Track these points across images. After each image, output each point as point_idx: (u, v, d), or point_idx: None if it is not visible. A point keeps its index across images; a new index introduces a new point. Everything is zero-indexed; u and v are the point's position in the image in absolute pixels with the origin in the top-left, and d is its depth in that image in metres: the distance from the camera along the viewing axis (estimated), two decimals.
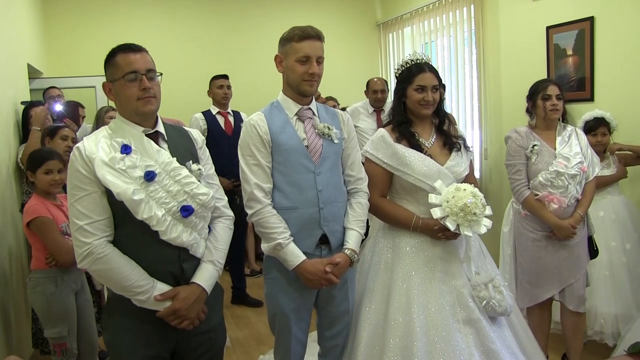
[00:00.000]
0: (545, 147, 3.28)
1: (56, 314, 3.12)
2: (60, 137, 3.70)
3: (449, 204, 2.53)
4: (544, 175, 3.23)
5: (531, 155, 3.28)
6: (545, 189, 3.23)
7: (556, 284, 3.30)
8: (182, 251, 2.09)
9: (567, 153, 3.24)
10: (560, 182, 3.20)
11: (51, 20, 6.44)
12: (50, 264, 3.12)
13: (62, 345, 3.15)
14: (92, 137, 2.10)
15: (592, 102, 4.59)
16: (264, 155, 2.45)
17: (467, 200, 2.51)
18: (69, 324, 3.16)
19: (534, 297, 3.37)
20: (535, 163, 3.27)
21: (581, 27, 4.64)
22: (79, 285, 3.28)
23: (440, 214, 2.55)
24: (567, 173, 3.19)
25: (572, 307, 3.29)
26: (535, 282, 3.35)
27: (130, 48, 2.07)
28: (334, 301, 2.59)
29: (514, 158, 3.34)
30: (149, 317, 2.04)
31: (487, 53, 5.80)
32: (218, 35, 7.13)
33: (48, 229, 3.06)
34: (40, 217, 3.06)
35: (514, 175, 3.34)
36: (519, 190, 3.32)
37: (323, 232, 2.49)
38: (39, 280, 3.13)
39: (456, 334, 2.47)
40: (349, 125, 2.68)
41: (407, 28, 7.20)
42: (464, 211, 2.51)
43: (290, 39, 2.45)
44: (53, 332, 3.12)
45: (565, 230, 3.21)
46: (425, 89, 2.69)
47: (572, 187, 3.22)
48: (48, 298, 3.11)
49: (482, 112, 5.91)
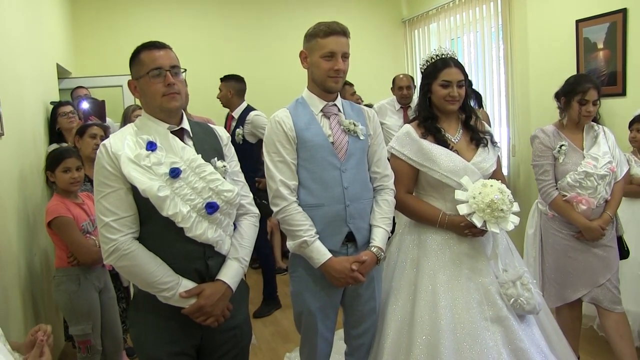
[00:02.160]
0: (572, 148, 3.21)
1: (79, 311, 3.15)
2: (89, 135, 3.74)
3: (476, 200, 2.49)
4: (573, 176, 3.15)
5: (559, 156, 3.20)
6: (574, 190, 3.16)
7: (586, 283, 3.21)
8: (207, 248, 2.09)
9: (596, 153, 3.17)
10: (589, 182, 3.13)
11: (79, 20, 6.52)
12: (72, 262, 3.15)
13: (86, 342, 3.19)
14: (118, 134, 2.11)
15: (624, 96, 4.50)
16: (289, 152, 2.44)
17: (494, 196, 2.48)
18: (92, 321, 3.19)
19: (562, 297, 3.30)
20: (563, 164, 3.20)
21: (613, 20, 4.54)
22: (102, 283, 3.31)
23: (467, 210, 2.52)
24: (596, 174, 3.12)
25: (606, 306, 3.20)
26: (563, 282, 3.28)
27: (154, 45, 2.08)
28: (361, 299, 2.57)
29: (541, 159, 3.26)
30: (174, 314, 2.05)
31: (514, 48, 5.72)
32: (243, 32, 7.15)
33: (68, 229, 3.08)
34: (60, 216, 3.08)
35: (541, 176, 3.27)
36: (546, 192, 3.25)
37: (349, 229, 2.47)
38: (62, 279, 3.17)
39: (484, 332, 2.45)
40: (375, 122, 2.66)
41: (433, 24, 7.14)
42: (490, 207, 2.47)
43: (316, 35, 2.43)
44: (77, 330, 3.16)
45: (594, 232, 3.14)
46: (450, 84, 2.65)
47: (602, 188, 3.14)
48: (71, 296, 3.14)
49: (510, 109, 5.83)
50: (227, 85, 5.04)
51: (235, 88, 5.02)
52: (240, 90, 5.06)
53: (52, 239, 3.22)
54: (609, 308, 3.19)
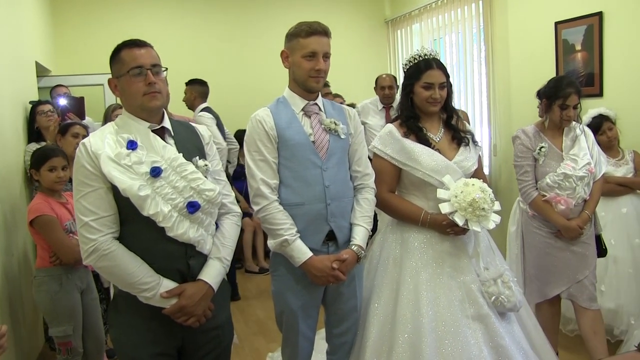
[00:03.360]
0: (552, 149, 3.26)
1: (61, 312, 3.12)
2: (72, 134, 3.71)
3: (458, 199, 2.51)
4: (552, 177, 3.20)
5: (539, 157, 3.26)
6: (553, 191, 3.21)
7: (564, 280, 3.26)
8: (189, 248, 2.08)
9: (575, 154, 3.22)
10: (568, 184, 3.18)
11: (59, 17, 6.45)
12: (55, 262, 3.12)
13: (67, 344, 3.15)
14: (98, 133, 2.09)
15: (601, 97, 4.57)
16: (270, 151, 2.43)
17: (475, 195, 2.49)
18: (74, 323, 3.16)
19: (543, 294, 3.35)
20: (543, 165, 3.25)
21: (590, 23, 4.61)
22: (85, 284, 3.28)
23: (449, 209, 2.53)
24: (575, 175, 3.16)
25: (582, 303, 3.25)
26: (544, 279, 3.33)
27: (135, 43, 2.07)
28: (342, 298, 2.57)
29: (522, 159, 3.31)
30: (155, 314, 2.03)
31: (495, 49, 5.78)
32: (226, 31, 7.13)
33: (51, 228, 3.06)
34: (43, 215, 3.06)
35: (522, 176, 3.32)
36: (526, 192, 3.30)
37: (330, 228, 2.47)
38: (43, 279, 3.14)
39: (465, 329, 2.46)
40: (356, 121, 2.66)
41: (416, 25, 7.18)
42: (472, 206, 2.49)
43: (297, 35, 2.43)
44: (58, 331, 3.13)
45: (572, 231, 3.19)
46: (432, 86, 2.67)
47: (580, 189, 3.19)
48: (52, 297, 3.11)
49: (491, 109, 5.88)
50: (191, 88, 5.30)
51: (198, 91, 5.27)
52: (202, 93, 5.30)
53: (34, 238, 3.20)
54: (586, 305, 3.24)
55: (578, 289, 3.25)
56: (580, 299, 3.25)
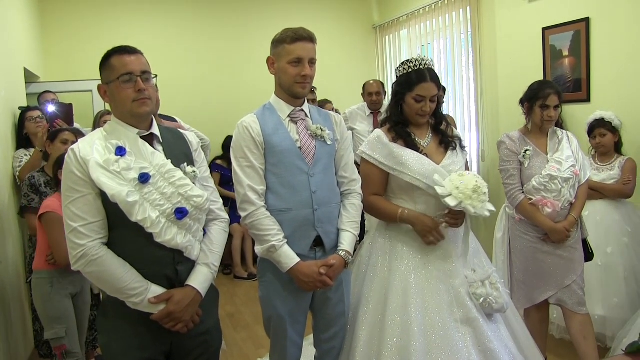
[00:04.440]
0: (537, 152, 3.30)
1: (52, 315, 3.14)
2: (61, 140, 3.71)
3: (460, 189, 2.52)
4: (538, 180, 3.23)
5: (524, 160, 3.29)
6: (539, 193, 3.24)
7: (552, 285, 3.28)
8: (177, 254, 2.09)
9: (559, 157, 3.25)
10: (553, 185, 3.21)
11: (48, 23, 6.43)
12: (50, 261, 3.14)
13: (61, 348, 3.16)
14: (87, 139, 2.10)
15: (588, 103, 4.60)
16: (257, 157, 2.44)
17: (475, 181, 2.53)
18: (66, 325, 3.17)
19: (531, 299, 3.36)
20: (529, 168, 3.28)
21: (577, 28, 4.64)
22: (79, 288, 3.29)
23: (455, 202, 2.52)
24: (560, 177, 3.20)
25: (571, 308, 3.26)
26: (531, 284, 3.35)
27: (125, 50, 2.08)
28: (330, 303, 2.58)
29: (507, 163, 3.34)
30: (143, 320, 2.04)
31: (483, 55, 5.81)
32: (214, 38, 7.12)
33: (55, 226, 3.08)
34: (52, 212, 3.10)
35: (508, 180, 3.35)
36: (512, 195, 3.32)
37: (317, 233, 2.48)
38: (37, 281, 3.17)
39: (454, 333, 2.48)
40: (342, 127, 2.68)
41: (404, 30, 7.21)
42: (476, 192, 2.52)
43: (283, 41, 2.44)
44: (51, 334, 3.14)
45: (559, 234, 3.22)
46: (424, 99, 2.67)
47: (566, 191, 3.22)
48: (44, 298, 3.14)
49: (480, 114, 5.91)
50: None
51: None
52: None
53: (38, 234, 3.23)
54: (575, 309, 3.26)
55: (566, 293, 3.27)
56: (568, 304, 3.27)
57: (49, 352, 3.67)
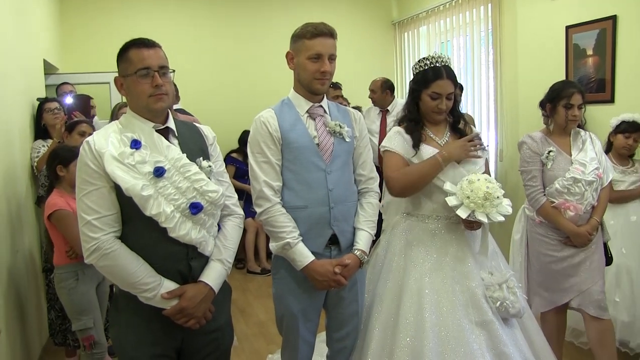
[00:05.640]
0: (560, 153, 3.22)
1: (79, 307, 3.18)
2: (78, 132, 3.73)
3: (471, 199, 2.47)
4: (561, 182, 3.16)
5: (547, 162, 3.21)
6: (562, 196, 3.16)
7: (572, 289, 3.21)
8: (191, 249, 2.07)
9: (583, 159, 3.18)
10: (577, 188, 3.13)
11: (67, 15, 6.45)
12: (72, 256, 3.16)
13: (89, 338, 3.20)
14: (102, 131, 2.08)
15: (612, 103, 4.50)
16: (274, 153, 2.42)
17: (485, 187, 2.47)
18: (93, 316, 3.20)
19: (550, 302, 3.29)
20: (551, 169, 3.20)
21: (602, 27, 4.54)
22: (101, 277, 3.32)
23: (466, 212, 2.49)
24: (584, 179, 3.12)
25: (591, 312, 3.19)
26: (551, 287, 3.28)
27: (143, 43, 2.05)
28: (343, 302, 2.55)
29: (529, 164, 3.27)
30: (155, 315, 2.02)
31: (504, 53, 5.73)
32: (232, 31, 7.10)
33: (67, 222, 3.09)
34: (60, 210, 3.11)
35: (529, 182, 3.27)
36: (534, 197, 3.25)
37: (333, 232, 2.45)
38: (61, 276, 3.20)
39: (469, 335, 2.44)
40: (361, 124, 2.64)
41: (423, 27, 7.14)
42: (488, 200, 2.46)
43: (302, 36, 2.41)
44: (79, 325, 3.18)
45: (582, 237, 3.15)
46: (440, 97, 2.63)
47: (589, 194, 3.15)
48: (70, 292, 3.17)
49: (498, 113, 5.84)
50: None
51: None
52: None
53: (50, 233, 3.24)
54: (596, 314, 3.18)
55: (587, 298, 3.19)
56: (589, 308, 3.20)
57: (63, 341, 3.69)
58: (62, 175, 3.23)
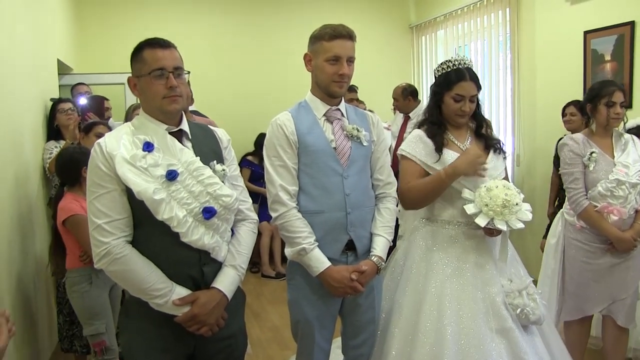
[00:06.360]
0: (603, 155, 3.11)
1: (92, 311, 3.14)
2: (95, 134, 3.70)
3: (489, 207, 2.42)
4: (604, 185, 3.05)
5: (589, 164, 3.10)
6: (605, 200, 3.05)
7: (607, 297, 3.13)
8: (203, 254, 2.02)
9: (626, 160, 3.08)
10: (620, 191, 3.03)
11: (82, 14, 6.45)
12: (85, 261, 3.12)
13: (101, 344, 3.15)
14: (114, 133, 2.04)
15: (630, 109, 4.42)
16: (290, 157, 2.37)
17: (503, 195, 2.42)
18: (105, 321, 3.16)
19: (582, 310, 3.22)
20: (594, 171, 3.09)
21: (621, 32, 4.50)
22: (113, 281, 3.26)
23: (484, 221, 2.44)
24: (628, 181, 3.02)
25: (621, 322, 3.13)
26: (584, 295, 3.19)
27: (158, 43, 2.00)
28: (360, 309, 2.50)
29: (571, 167, 3.15)
30: (167, 322, 1.97)
31: (522, 58, 5.67)
32: (248, 32, 7.09)
33: (83, 227, 3.04)
34: (76, 215, 3.07)
35: (571, 184, 3.16)
36: (576, 200, 3.13)
37: (349, 237, 2.40)
38: (74, 279, 3.16)
39: (489, 343, 2.39)
40: (379, 128, 2.59)
41: (441, 31, 7.08)
42: (507, 207, 2.42)
43: (321, 38, 2.36)
44: (90, 330, 3.14)
45: (626, 243, 3.04)
46: (463, 99, 2.58)
47: (632, 197, 3.05)
48: (83, 295, 3.14)
49: (516, 118, 5.77)
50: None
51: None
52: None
53: (64, 238, 3.20)
54: (623, 323, 3.12)
55: (620, 307, 3.13)
56: (618, 317, 3.13)
57: (69, 346, 3.64)
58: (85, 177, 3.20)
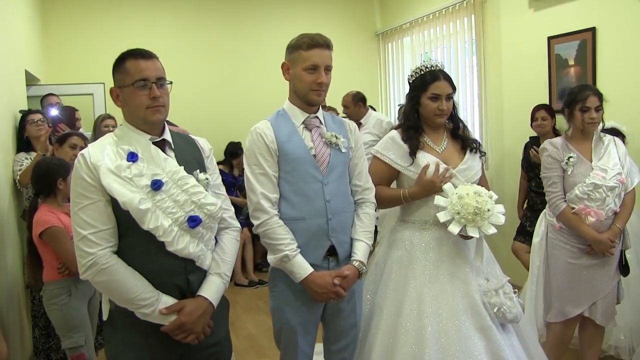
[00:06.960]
0: (581, 159, 3.18)
1: (70, 323, 3.11)
2: (69, 145, 3.68)
3: (461, 215, 2.48)
4: (581, 188, 3.12)
5: (567, 168, 3.17)
6: (582, 202, 3.12)
7: (588, 298, 3.20)
8: (189, 263, 2.03)
9: (605, 164, 3.14)
10: (597, 194, 3.09)
11: (49, 25, 6.37)
12: (64, 273, 3.09)
13: (80, 357, 3.12)
14: (97, 143, 2.04)
15: None
16: (271, 165, 2.39)
17: (474, 202, 2.47)
18: (85, 333, 3.13)
19: (564, 313, 3.27)
20: (572, 175, 3.17)
21: (583, 38, 4.63)
22: (92, 292, 3.25)
23: (457, 228, 2.50)
24: (605, 185, 3.08)
25: (599, 320, 3.21)
26: (566, 298, 3.24)
27: (140, 54, 2.02)
28: (342, 314, 2.53)
29: (549, 170, 3.23)
30: (153, 331, 1.98)
31: (487, 63, 5.79)
32: (219, 42, 7.08)
33: (60, 239, 3.05)
34: (53, 227, 3.05)
35: (550, 187, 3.24)
36: (554, 203, 3.22)
37: (331, 243, 2.43)
38: (52, 292, 3.12)
39: (468, 341, 2.45)
40: (356, 135, 2.63)
41: (407, 38, 7.18)
42: (478, 215, 2.47)
43: (299, 47, 2.40)
44: (69, 343, 3.10)
45: (603, 244, 3.10)
46: (439, 98, 2.66)
47: (610, 200, 3.11)
48: (62, 308, 3.10)
49: (483, 123, 5.88)
50: None
51: None
52: None
53: (40, 250, 3.16)
54: (602, 323, 3.21)
55: (599, 306, 3.20)
56: (596, 316, 3.21)
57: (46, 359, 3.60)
58: (60, 189, 3.17)
